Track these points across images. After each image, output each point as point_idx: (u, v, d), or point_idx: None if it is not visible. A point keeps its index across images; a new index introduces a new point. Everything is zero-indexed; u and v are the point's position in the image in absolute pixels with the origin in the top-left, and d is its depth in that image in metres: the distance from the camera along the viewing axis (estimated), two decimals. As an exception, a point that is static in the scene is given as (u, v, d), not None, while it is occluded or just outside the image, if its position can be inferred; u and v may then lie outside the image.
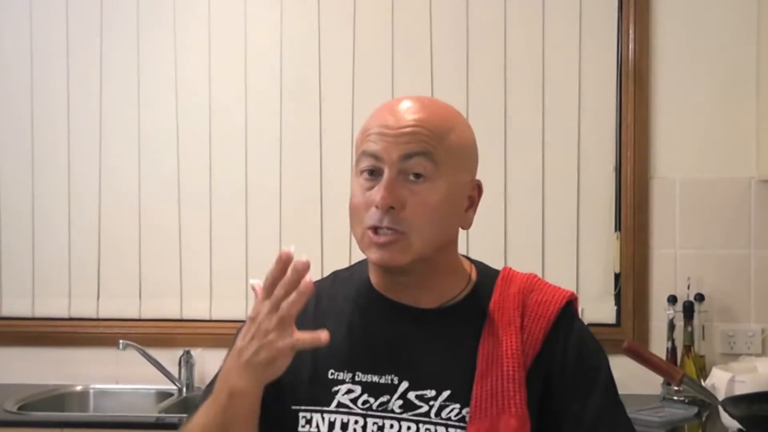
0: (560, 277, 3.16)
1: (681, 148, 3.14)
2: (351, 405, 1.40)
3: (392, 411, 1.40)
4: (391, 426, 1.39)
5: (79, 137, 3.36)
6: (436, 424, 1.38)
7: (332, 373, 1.42)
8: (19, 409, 2.99)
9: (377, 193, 1.38)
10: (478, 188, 1.49)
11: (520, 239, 3.18)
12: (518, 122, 3.19)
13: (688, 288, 3.06)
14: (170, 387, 3.18)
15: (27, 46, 3.38)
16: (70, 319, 3.37)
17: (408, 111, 1.42)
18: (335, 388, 1.41)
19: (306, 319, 1.43)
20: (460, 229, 1.48)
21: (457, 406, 1.39)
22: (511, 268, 1.54)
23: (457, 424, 1.38)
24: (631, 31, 3.13)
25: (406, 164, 1.39)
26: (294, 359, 1.32)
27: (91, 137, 3.36)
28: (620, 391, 2.98)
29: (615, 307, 3.16)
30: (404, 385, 1.41)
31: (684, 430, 2.82)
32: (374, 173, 1.40)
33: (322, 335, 1.28)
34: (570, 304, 1.48)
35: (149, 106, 3.34)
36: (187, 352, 3.20)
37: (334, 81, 3.25)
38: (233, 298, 3.24)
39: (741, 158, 3.11)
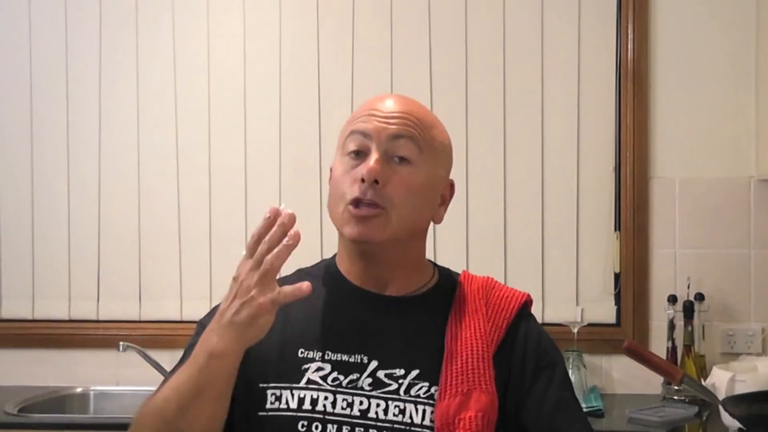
0: (560, 277, 3.17)
1: (680, 148, 3.14)
2: (321, 382, 1.43)
3: (362, 388, 1.43)
4: (361, 402, 1.42)
5: (79, 139, 3.36)
6: (405, 401, 1.42)
7: (302, 352, 1.45)
8: (19, 411, 2.99)
9: (363, 168, 1.44)
10: (451, 188, 1.58)
11: (520, 239, 3.18)
12: (518, 123, 3.19)
13: (688, 287, 3.06)
14: (170, 388, 3.17)
15: (26, 46, 3.38)
16: (71, 321, 3.37)
17: (396, 102, 1.51)
18: (305, 366, 1.44)
19: None
20: (439, 227, 1.53)
21: (426, 384, 1.43)
22: (469, 272, 1.60)
23: (425, 401, 1.42)
24: (630, 32, 3.13)
25: (394, 144, 1.46)
26: (262, 341, 1.35)
27: (91, 139, 3.36)
28: (621, 391, 2.98)
29: (615, 307, 3.17)
30: (373, 364, 1.44)
31: (684, 429, 2.82)
32: (360, 154, 1.46)
33: (304, 285, 1.30)
34: (526, 304, 1.56)
35: (149, 107, 3.34)
36: (188, 354, 3.20)
37: (334, 81, 3.25)
38: (233, 299, 3.23)
39: (740, 158, 3.11)
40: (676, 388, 2.91)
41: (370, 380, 1.43)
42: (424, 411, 1.41)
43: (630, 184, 3.14)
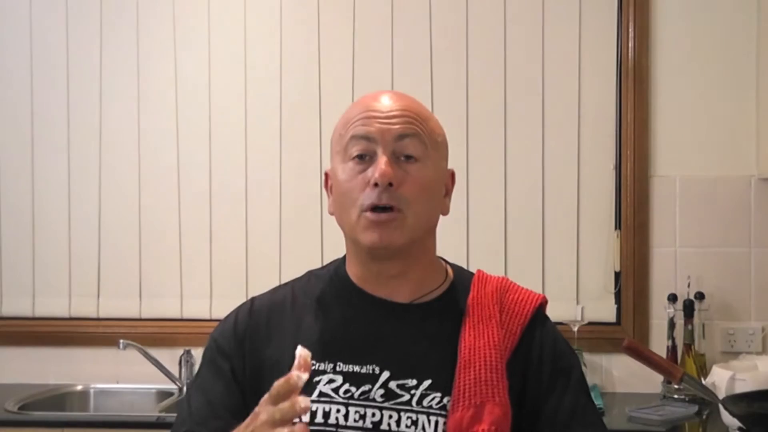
0: (560, 276, 3.17)
1: (681, 147, 3.14)
2: (333, 394, 1.42)
3: (374, 400, 1.41)
4: (373, 414, 1.40)
5: (79, 137, 3.37)
6: (417, 412, 1.40)
7: (313, 364, 1.43)
8: (19, 408, 2.99)
9: (375, 171, 1.41)
10: (452, 177, 1.55)
11: (521, 238, 3.18)
12: (518, 121, 3.19)
13: (689, 286, 3.06)
14: (171, 386, 3.18)
15: (27, 45, 3.39)
16: (71, 318, 3.37)
17: (391, 99, 1.47)
18: (316, 378, 1.43)
19: (284, 315, 1.49)
20: (439, 226, 1.53)
21: (438, 394, 1.41)
22: (484, 271, 1.57)
23: (438, 412, 1.40)
24: (630, 30, 3.13)
25: (399, 144, 1.43)
26: (274, 353, 1.39)
27: (91, 137, 3.36)
28: (621, 389, 2.96)
29: (615, 306, 3.17)
30: (385, 374, 1.42)
31: (684, 428, 2.82)
32: (364, 158, 1.44)
33: None
34: (542, 306, 1.53)
35: (149, 106, 3.34)
36: (188, 352, 3.20)
37: (334, 81, 3.25)
38: (233, 297, 3.19)
39: (741, 156, 3.11)
40: (676, 386, 2.91)
41: (382, 391, 1.41)
42: (436, 422, 1.40)
43: (630, 182, 3.13)
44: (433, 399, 1.41)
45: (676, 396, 2.95)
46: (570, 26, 3.18)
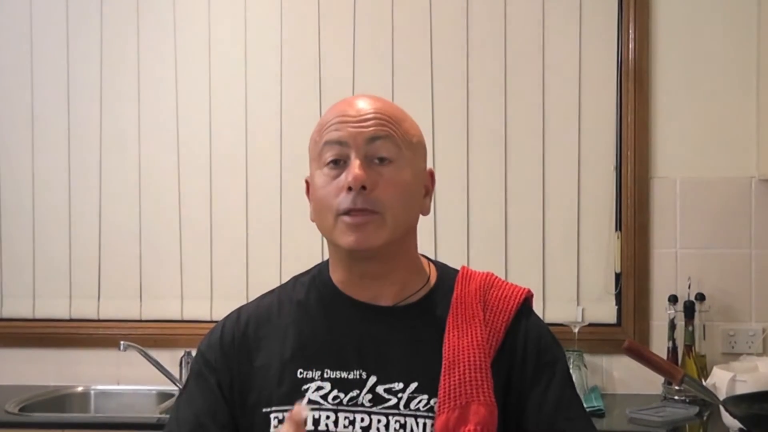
0: (561, 277, 3.17)
1: (681, 148, 3.14)
2: (321, 401, 1.43)
3: (362, 405, 1.42)
4: (362, 419, 1.41)
5: (79, 137, 3.37)
6: (405, 415, 1.41)
7: (301, 373, 1.44)
8: (20, 410, 2.99)
9: (348, 175, 1.41)
10: (431, 176, 1.55)
11: (521, 239, 3.18)
12: (518, 122, 3.19)
13: (689, 287, 3.06)
14: (171, 388, 3.18)
15: (27, 45, 3.39)
16: (71, 320, 3.37)
17: (364, 102, 1.48)
18: (305, 386, 1.44)
19: (271, 324, 1.50)
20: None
21: (425, 397, 1.42)
22: (468, 267, 1.57)
23: (425, 414, 1.41)
24: (631, 31, 3.13)
25: (372, 147, 1.44)
26: (261, 364, 1.41)
27: (92, 137, 3.36)
28: (621, 391, 2.98)
29: (616, 307, 3.17)
30: (372, 379, 1.43)
31: (685, 429, 2.82)
32: (338, 163, 1.44)
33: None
34: (527, 300, 1.53)
35: (149, 106, 3.34)
36: (188, 353, 3.20)
37: (334, 82, 3.25)
38: (234, 298, 3.21)
39: (741, 158, 3.11)
40: (676, 388, 2.90)
41: (370, 396, 1.42)
42: (424, 424, 1.40)
43: (631, 183, 3.14)
44: (420, 401, 1.41)
45: (676, 397, 2.95)
46: (570, 28, 3.18)
